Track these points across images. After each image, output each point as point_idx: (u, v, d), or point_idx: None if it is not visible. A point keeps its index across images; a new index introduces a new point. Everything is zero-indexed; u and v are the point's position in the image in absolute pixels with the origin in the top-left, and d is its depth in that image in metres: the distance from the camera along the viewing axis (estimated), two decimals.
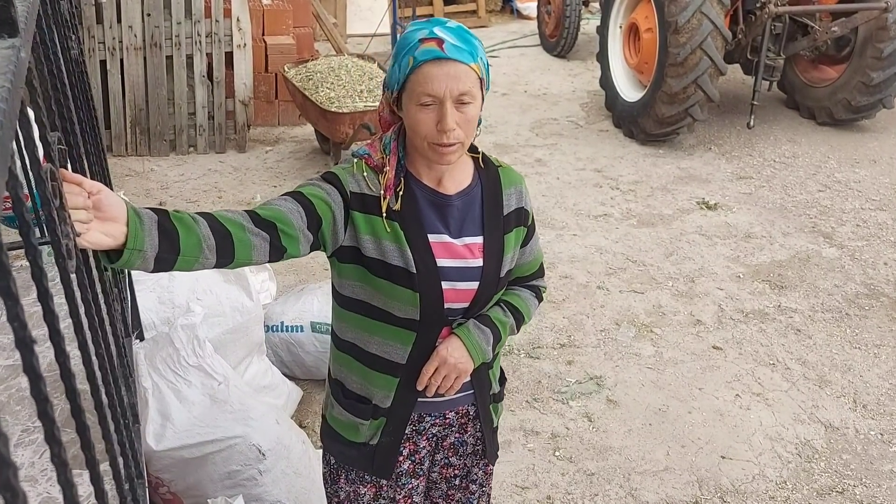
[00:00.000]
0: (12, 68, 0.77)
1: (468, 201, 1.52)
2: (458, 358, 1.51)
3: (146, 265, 1.15)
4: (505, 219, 1.56)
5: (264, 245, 1.31)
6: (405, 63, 1.36)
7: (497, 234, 1.54)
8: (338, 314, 1.58)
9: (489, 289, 1.53)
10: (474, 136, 1.43)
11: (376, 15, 8.10)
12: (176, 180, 5.06)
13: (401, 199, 1.45)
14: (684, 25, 5.00)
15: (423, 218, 1.47)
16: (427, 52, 1.33)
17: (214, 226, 1.25)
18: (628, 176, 5.29)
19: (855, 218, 4.69)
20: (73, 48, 1.67)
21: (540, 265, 1.72)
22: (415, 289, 1.44)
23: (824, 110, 5.86)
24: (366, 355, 1.53)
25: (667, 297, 3.90)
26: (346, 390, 1.59)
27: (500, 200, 1.55)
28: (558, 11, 7.64)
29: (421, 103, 1.35)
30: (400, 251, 1.44)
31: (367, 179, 1.45)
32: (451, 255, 1.49)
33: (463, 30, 1.38)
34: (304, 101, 4.95)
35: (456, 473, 1.73)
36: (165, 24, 5.12)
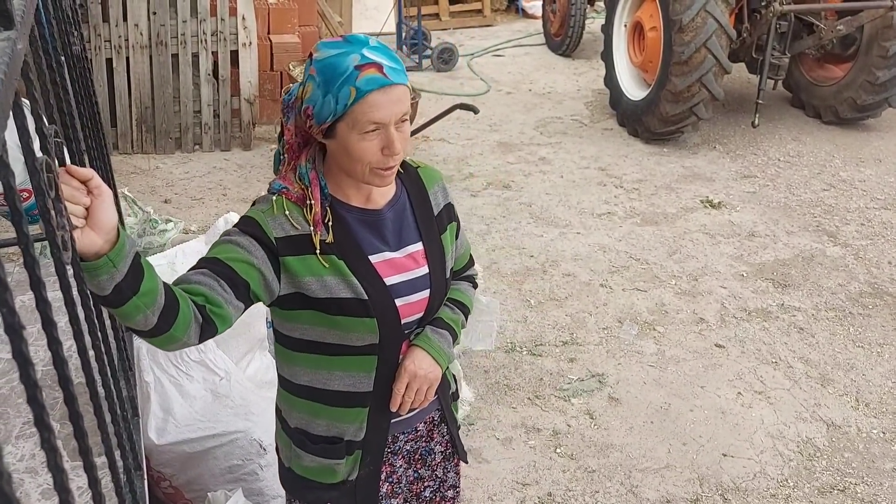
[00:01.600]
0: (6, 60, 0.78)
1: (399, 210, 1.48)
2: (427, 368, 1.48)
3: (105, 285, 1.10)
4: (437, 219, 1.53)
5: (196, 328, 1.26)
6: (345, 94, 1.28)
7: (434, 236, 1.51)
8: (288, 359, 1.50)
9: (440, 294, 1.51)
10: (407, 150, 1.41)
11: (382, 14, 8.11)
12: (181, 178, 5.08)
13: (331, 229, 1.39)
14: (689, 24, 5.00)
15: (360, 241, 1.42)
16: (372, 81, 1.27)
17: (168, 290, 1.20)
18: (632, 174, 5.29)
19: (859, 217, 4.67)
20: (75, 44, 1.69)
21: (470, 255, 1.71)
22: (370, 315, 1.39)
23: (829, 109, 5.84)
24: (329, 395, 1.47)
25: (670, 295, 3.90)
26: (313, 436, 1.51)
27: (427, 202, 1.53)
28: (563, 10, 7.64)
29: (366, 132, 1.30)
30: (345, 282, 1.38)
31: (290, 218, 1.36)
32: (397, 271, 1.45)
33: (386, 48, 1.34)
34: None
35: (427, 485, 1.69)
36: (171, 23, 5.14)
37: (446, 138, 5.88)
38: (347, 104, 1.28)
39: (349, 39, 1.33)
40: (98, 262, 1.08)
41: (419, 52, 7.40)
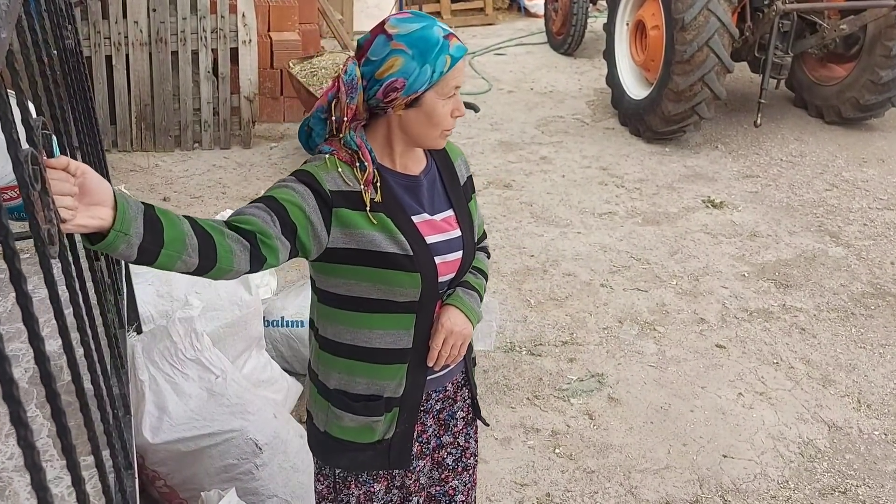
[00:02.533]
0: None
1: (431, 178, 1.58)
2: (461, 325, 1.57)
3: (129, 251, 1.14)
4: (464, 188, 1.64)
5: (244, 253, 1.31)
6: (442, 62, 1.39)
7: (462, 203, 1.62)
8: (330, 318, 1.55)
9: (470, 255, 1.62)
10: None
11: (383, 12, 8.08)
12: (180, 176, 5.06)
13: (379, 189, 1.47)
14: (691, 23, 4.97)
15: (403, 202, 1.51)
16: (460, 49, 1.42)
17: (196, 227, 1.25)
18: (634, 174, 5.27)
19: (862, 217, 4.65)
20: (68, 38, 1.67)
21: (483, 228, 1.80)
22: (415, 269, 1.48)
23: (832, 109, 5.81)
24: (370, 352, 1.53)
25: (670, 295, 3.87)
26: (353, 395, 1.57)
27: (454, 172, 1.63)
28: (565, 9, 7.62)
29: (449, 96, 1.44)
30: (393, 238, 1.46)
31: (342, 175, 1.44)
32: (436, 231, 1.54)
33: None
34: (310, 97, 4.94)
35: (449, 452, 1.75)
36: (171, 20, 5.12)
37: None
38: (444, 71, 1.40)
39: (416, 14, 1.45)
40: (109, 239, 1.10)
41: None
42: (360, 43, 1.46)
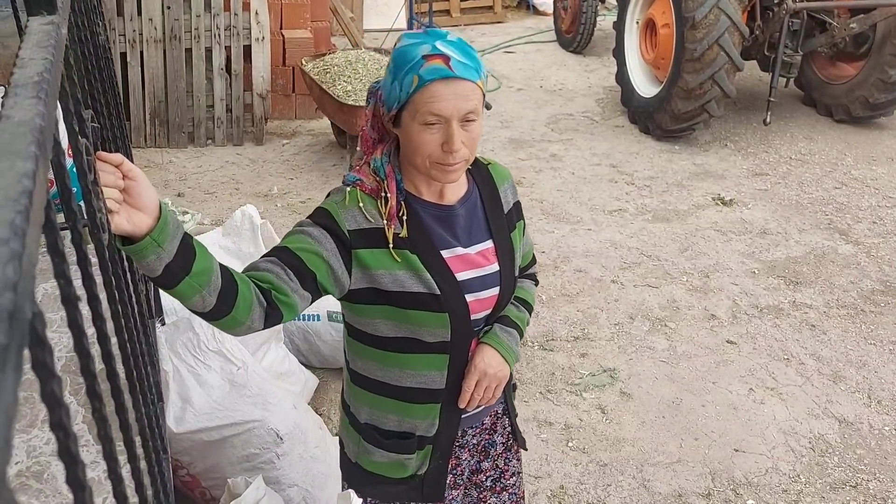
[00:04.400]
0: (53, 42, 0.80)
1: (470, 207, 1.47)
2: (496, 366, 1.48)
3: (157, 265, 1.12)
4: (507, 217, 1.52)
5: (261, 312, 1.27)
6: (408, 81, 1.28)
7: (504, 234, 1.50)
8: (360, 353, 1.50)
9: (509, 291, 1.51)
10: (475, 151, 1.38)
11: (393, 10, 8.12)
12: (194, 172, 5.11)
13: (405, 223, 1.38)
14: (701, 21, 4.99)
15: (433, 235, 1.41)
16: (434, 71, 1.26)
17: (224, 271, 1.22)
18: (643, 171, 5.29)
19: (871, 215, 4.66)
20: (100, 34, 1.71)
21: (532, 253, 1.71)
22: (442, 310, 1.39)
23: (841, 107, 5.82)
24: (402, 391, 1.47)
25: (681, 291, 3.90)
26: (384, 431, 1.52)
27: (498, 199, 1.52)
28: (575, 7, 7.64)
29: (426, 123, 1.29)
30: (418, 277, 1.38)
31: (364, 211, 1.36)
32: (468, 266, 1.44)
33: (465, 44, 1.33)
34: (322, 94, 4.98)
35: (488, 475, 1.70)
36: (185, 17, 5.17)
37: None
38: (409, 92, 1.28)
39: (429, 32, 1.33)
40: (142, 243, 1.09)
41: None
42: None
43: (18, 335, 0.36)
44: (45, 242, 0.63)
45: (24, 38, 0.81)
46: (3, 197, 0.49)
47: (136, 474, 0.92)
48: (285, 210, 4.64)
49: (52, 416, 0.49)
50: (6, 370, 0.33)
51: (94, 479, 1.41)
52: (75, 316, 0.60)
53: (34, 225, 0.51)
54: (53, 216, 0.56)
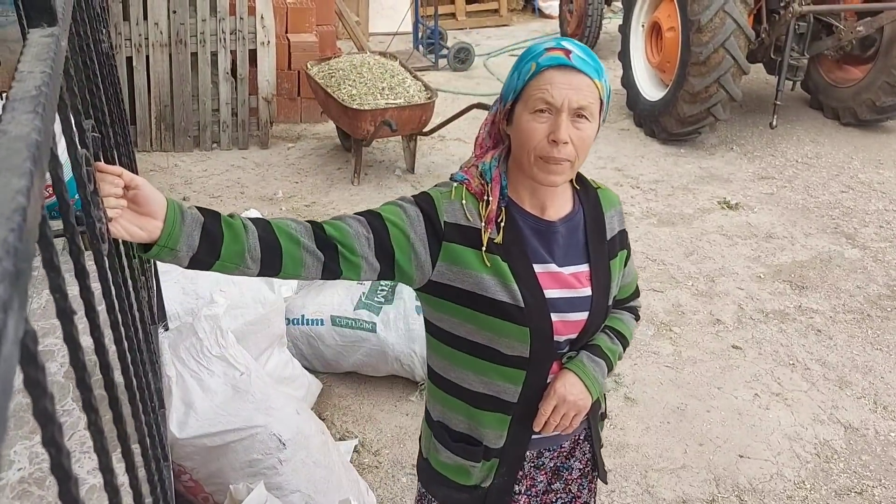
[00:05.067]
0: (52, 55, 0.80)
1: (571, 228, 1.42)
2: (577, 395, 1.42)
3: (179, 262, 1.15)
4: (609, 244, 1.47)
5: (317, 265, 1.26)
6: (526, 69, 1.28)
7: (603, 261, 1.45)
8: (436, 350, 1.46)
9: (598, 318, 1.44)
10: (584, 161, 1.34)
11: (398, 13, 8.13)
12: (199, 176, 5.12)
13: (502, 229, 1.35)
14: (707, 24, 4.98)
15: (528, 247, 1.37)
16: (552, 59, 1.26)
17: (266, 237, 1.21)
18: (649, 175, 5.28)
19: (878, 219, 4.64)
20: (104, 41, 1.71)
21: (636, 285, 1.65)
22: (524, 324, 1.35)
23: (848, 111, 5.80)
24: (473, 395, 1.43)
25: (686, 296, 3.89)
26: (453, 432, 1.49)
27: (602, 225, 1.46)
28: (580, 10, 7.64)
29: (536, 110, 1.27)
30: (505, 286, 1.34)
31: (465, 208, 1.35)
32: (559, 286, 1.39)
33: (589, 50, 1.32)
34: (327, 98, 4.99)
35: (559, 497, 1.63)
36: (191, 21, 5.19)
37: (462, 138, 5.89)
38: (526, 79, 1.28)
39: (558, 38, 1.35)
40: (153, 251, 1.11)
41: (435, 52, 7.41)
42: None
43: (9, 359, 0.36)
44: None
45: (24, 51, 0.81)
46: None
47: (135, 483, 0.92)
48: (290, 214, 4.64)
49: (44, 434, 0.49)
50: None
51: (96, 486, 1.41)
52: (71, 330, 0.60)
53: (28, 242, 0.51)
54: (48, 231, 0.56)
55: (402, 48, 7.76)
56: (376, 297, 3.14)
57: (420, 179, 5.18)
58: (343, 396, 3.10)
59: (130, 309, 1.23)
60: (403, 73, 5.28)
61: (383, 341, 3.02)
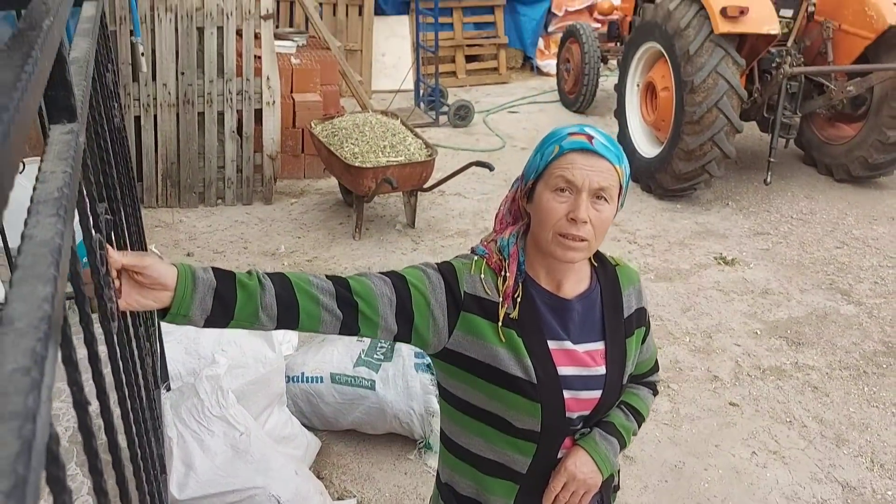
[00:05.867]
0: (72, 153, 0.88)
1: (588, 305, 1.45)
2: (588, 473, 1.43)
3: (194, 324, 1.19)
4: (626, 322, 1.49)
5: (335, 322, 1.30)
6: (549, 151, 1.35)
7: (619, 339, 1.47)
8: (449, 415, 1.49)
9: (612, 396, 1.46)
10: (601, 241, 1.39)
11: (400, 72, 8.34)
12: (203, 231, 5.21)
13: (518, 304, 1.40)
14: (700, 85, 5.12)
15: (543, 323, 1.41)
16: (575, 143, 1.33)
17: (283, 295, 1.25)
18: (646, 230, 5.36)
19: (873, 275, 4.70)
20: (116, 116, 1.80)
21: (655, 360, 1.67)
22: (536, 399, 1.38)
23: (842, 167, 5.91)
24: (482, 461, 1.46)
25: (684, 352, 3.92)
26: (461, 496, 1.51)
27: (619, 302, 1.49)
28: (577, 69, 7.82)
29: (558, 189, 1.33)
30: (518, 361, 1.38)
31: (483, 282, 1.40)
32: (573, 363, 1.42)
33: (611, 137, 1.39)
34: (330, 155, 5.11)
35: None
36: (198, 83, 5.33)
37: (462, 193, 5.99)
38: (549, 160, 1.34)
39: (582, 124, 1.42)
40: (167, 318, 1.17)
41: (436, 109, 7.58)
42: None
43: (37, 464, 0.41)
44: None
45: (47, 149, 0.89)
46: (26, 324, 0.55)
47: None
48: (292, 269, 4.71)
49: None
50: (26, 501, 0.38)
51: None
52: (85, 419, 0.66)
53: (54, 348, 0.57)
54: (69, 331, 0.62)
55: (405, 105, 7.93)
56: (375, 355, 3.18)
57: (420, 234, 5.26)
58: (342, 455, 3.12)
59: (136, 379, 1.28)
60: (404, 132, 5.41)
61: (382, 399, 3.05)
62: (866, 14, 5.34)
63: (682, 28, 5.18)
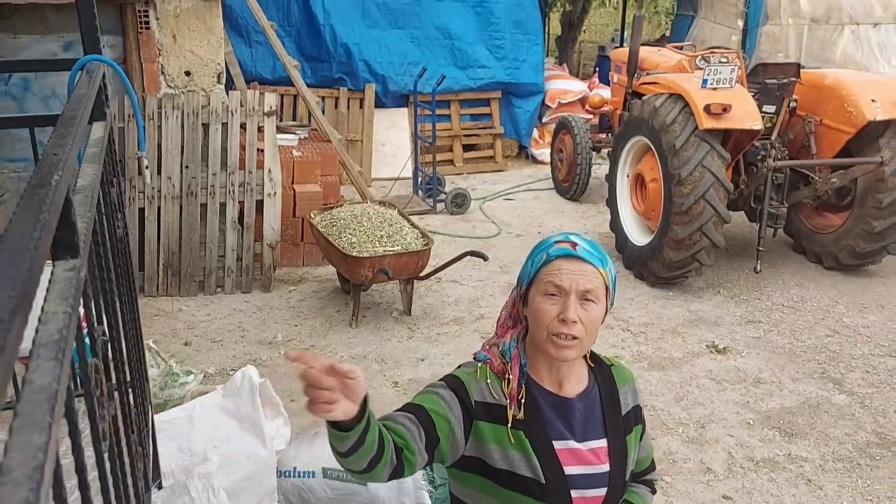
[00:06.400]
0: (73, 292, 0.97)
1: (588, 404, 1.54)
2: None
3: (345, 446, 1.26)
4: (624, 419, 1.57)
5: (390, 469, 1.37)
6: (538, 258, 1.48)
7: (619, 436, 1.55)
8: None
9: (616, 494, 1.53)
10: (594, 339, 1.49)
11: (399, 160, 8.59)
12: (202, 320, 5.28)
13: (523, 406, 1.48)
14: (687, 178, 5.28)
15: (548, 424, 1.49)
16: (560, 250, 1.46)
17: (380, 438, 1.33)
18: (639, 318, 5.42)
19: (864, 364, 4.73)
20: (119, 227, 1.91)
21: (651, 459, 1.75)
22: (543, 500, 1.44)
23: (830, 255, 6.02)
24: None
25: (677, 443, 3.93)
26: None
27: (617, 400, 1.58)
28: (570, 158, 8.05)
29: (547, 293, 1.44)
30: (527, 461, 1.45)
31: (490, 387, 1.48)
32: (579, 462, 1.49)
33: (595, 243, 1.52)
34: (328, 245, 5.23)
35: None
36: (202, 175, 5.52)
37: (458, 280, 6.08)
38: (538, 267, 1.47)
39: (568, 233, 1.55)
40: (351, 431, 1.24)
41: (434, 197, 7.77)
42: None
43: None
44: None
45: (49, 287, 0.98)
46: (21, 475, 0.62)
47: None
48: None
49: None
50: None
51: None
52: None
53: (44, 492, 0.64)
54: (61, 472, 0.69)
55: (404, 192, 8.13)
56: None
57: (416, 321, 5.32)
58: None
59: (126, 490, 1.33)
60: (402, 221, 5.55)
61: (374, 494, 3.05)
62: (846, 110, 5.56)
63: (668, 124, 5.39)
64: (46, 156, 1.10)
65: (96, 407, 1.03)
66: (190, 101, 5.46)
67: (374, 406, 1.32)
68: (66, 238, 1.04)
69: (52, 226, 0.89)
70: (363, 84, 8.72)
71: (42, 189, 0.95)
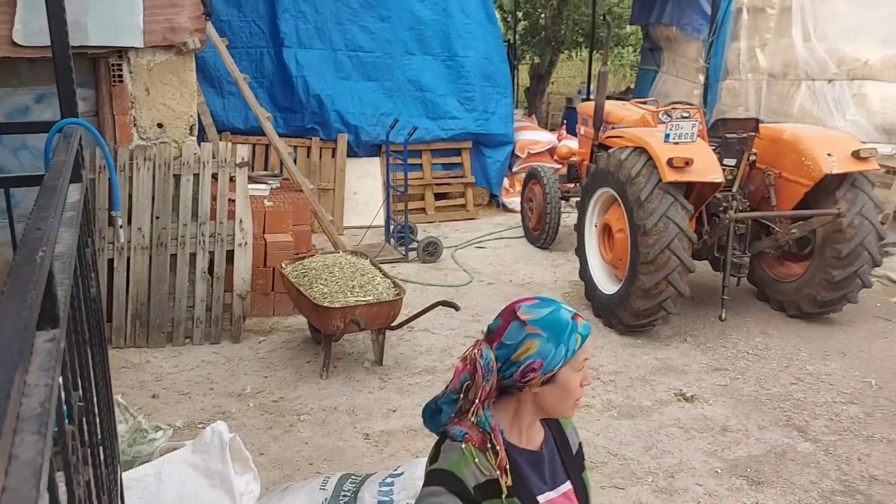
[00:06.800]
0: (53, 363, 0.99)
1: (549, 450, 1.64)
2: None
3: None
4: (576, 458, 1.69)
5: None
6: (574, 340, 1.53)
7: (577, 474, 1.66)
8: None
9: None
10: None
11: (371, 209, 8.65)
12: (170, 372, 5.22)
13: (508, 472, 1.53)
14: (652, 228, 5.41)
15: (530, 482, 1.57)
16: (586, 327, 1.58)
17: None
18: (608, 366, 5.48)
19: (827, 412, 4.83)
20: (92, 287, 1.93)
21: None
22: None
23: (792, 303, 6.17)
24: None
25: (646, 493, 3.95)
26: None
27: (567, 441, 1.69)
28: (540, 207, 8.19)
29: (579, 369, 1.56)
30: None
31: (479, 466, 1.51)
32: None
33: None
34: (299, 295, 5.24)
35: None
36: (172, 226, 5.52)
37: (430, 328, 6.11)
38: (576, 349, 1.54)
39: (541, 299, 1.60)
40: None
41: (406, 245, 7.82)
42: (492, 328, 1.57)
43: None
44: None
45: (32, 359, 1.00)
46: None
47: None
48: (257, 410, 4.72)
49: None
50: None
51: None
52: None
53: None
54: None
55: (376, 241, 8.18)
56: (339, 502, 3.18)
57: (388, 371, 5.32)
58: None
59: None
60: (374, 271, 5.59)
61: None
62: (803, 164, 5.77)
63: (632, 176, 5.54)
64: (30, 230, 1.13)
65: (73, 475, 1.04)
66: (162, 153, 5.49)
67: (344, 458, 1.35)
68: (47, 310, 1.07)
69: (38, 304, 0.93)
70: (335, 134, 8.83)
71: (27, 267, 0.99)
